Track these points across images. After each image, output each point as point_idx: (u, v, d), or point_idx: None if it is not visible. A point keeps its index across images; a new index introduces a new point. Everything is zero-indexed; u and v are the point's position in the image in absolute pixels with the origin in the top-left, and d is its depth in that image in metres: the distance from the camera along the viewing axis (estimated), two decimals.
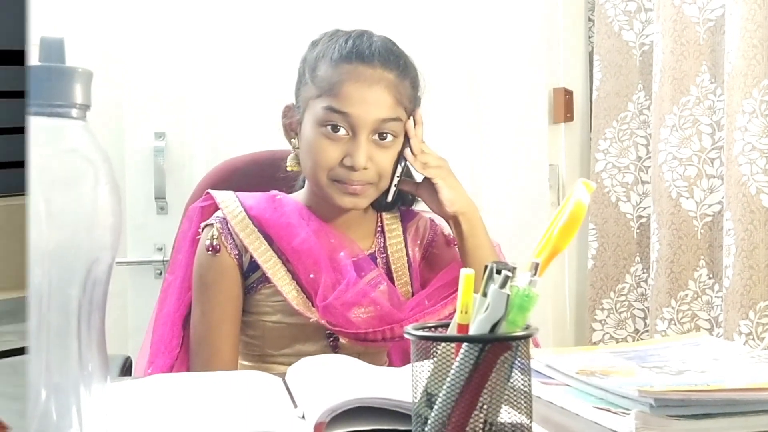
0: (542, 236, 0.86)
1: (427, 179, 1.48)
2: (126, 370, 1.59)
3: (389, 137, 1.44)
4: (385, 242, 1.54)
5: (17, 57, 1.39)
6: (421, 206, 1.56)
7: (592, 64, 2.57)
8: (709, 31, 2.26)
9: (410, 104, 1.46)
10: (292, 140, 1.51)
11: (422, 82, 1.50)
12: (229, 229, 1.48)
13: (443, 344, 0.83)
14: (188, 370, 1.50)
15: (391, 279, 1.51)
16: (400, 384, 0.99)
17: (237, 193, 1.53)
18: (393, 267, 1.53)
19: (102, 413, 0.79)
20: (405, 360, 1.47)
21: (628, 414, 0.95)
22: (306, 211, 1.50)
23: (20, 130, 1.41)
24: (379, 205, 1.53)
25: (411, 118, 1.46)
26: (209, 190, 1.55)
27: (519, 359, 0.82)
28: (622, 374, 1.07)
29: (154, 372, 1.48)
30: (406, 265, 1.54)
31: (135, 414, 1.04)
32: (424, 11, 2.47)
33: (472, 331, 0.82)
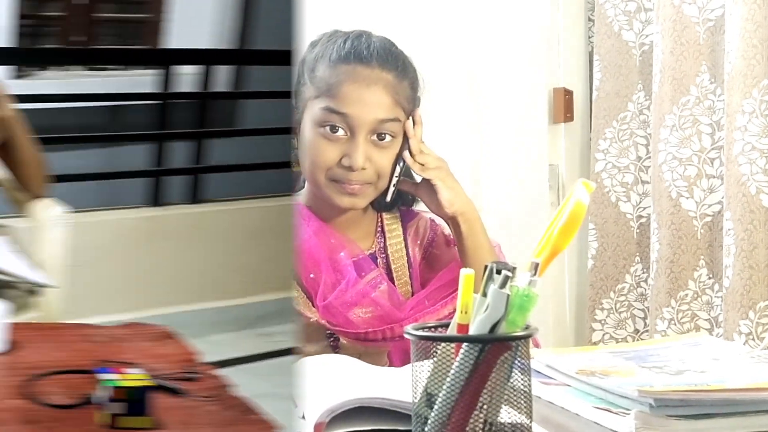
0: (542, 236, 0.86)
1: (426, 179, 1.48)
2: None
3: (388, 137, 1.44)
4: (385, 242, 1.54)
5: (285, 57, 1.34)
6: (421, 206, 1.56)
7: (592, 64, 2.57)
8: (709, 31, 2.26)
9: (409, 105, 1.46)
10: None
11: (421, 82, 1.50)
12: None
13: (443, 344, 0.83)
14: None
15: (391, 279, 1.51)
16: (400, 384, 0.98)
17: None
18: (393, 267, 1.53)
19: None
20: (405, 360, 1.47)
21: (628, 414, 0.95)
22: (306, 211, 1.49)
23: (287, 131, 1.37)
24: (378, 205, 1.53)
25: (410, 118, 1.46)
26: None
27: (519, 359, 0.82)
28: (621, 374, 1.07)
29: None
30: (406, 265, 1.54)
31: None
32: (424, 11, 2.47)
33: (472, 331, 0.82)
